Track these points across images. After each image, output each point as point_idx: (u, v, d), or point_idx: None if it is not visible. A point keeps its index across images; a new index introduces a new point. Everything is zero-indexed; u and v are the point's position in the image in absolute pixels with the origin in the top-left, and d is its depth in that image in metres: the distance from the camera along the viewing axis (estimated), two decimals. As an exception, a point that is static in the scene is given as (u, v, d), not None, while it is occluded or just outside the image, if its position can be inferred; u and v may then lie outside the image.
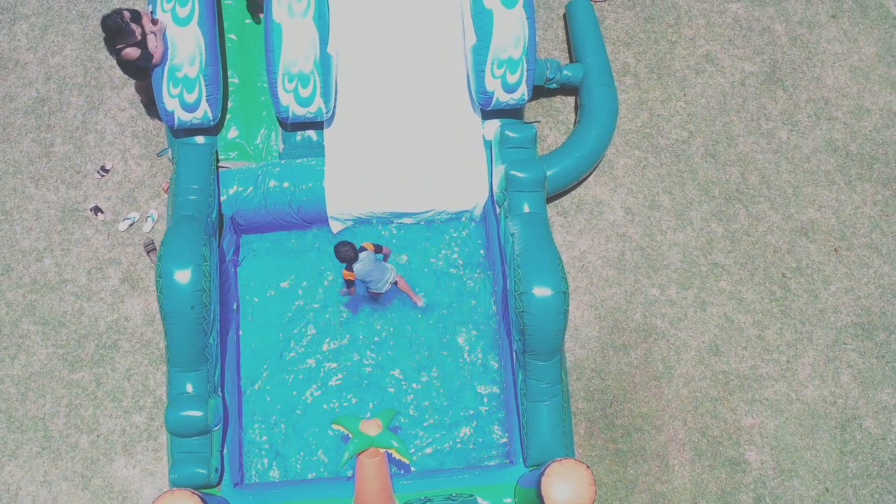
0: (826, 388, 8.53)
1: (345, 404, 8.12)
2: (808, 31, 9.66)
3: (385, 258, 8.32)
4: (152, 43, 7.62)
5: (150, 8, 7.83)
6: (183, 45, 7.76)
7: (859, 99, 9.45)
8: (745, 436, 8.35)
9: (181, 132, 8.29)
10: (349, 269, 7.89)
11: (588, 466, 6.76)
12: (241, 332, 8.32)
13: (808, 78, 9.50)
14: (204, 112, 7.92)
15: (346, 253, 7.79)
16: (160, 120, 8.71)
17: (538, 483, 6.65)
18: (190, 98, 7.80)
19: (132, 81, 9.00)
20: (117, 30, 7.42)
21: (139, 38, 7.54)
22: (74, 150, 8.96)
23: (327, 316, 8.39)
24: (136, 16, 7.57)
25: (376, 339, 8.34)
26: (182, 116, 7.91)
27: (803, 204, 9.07)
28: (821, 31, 9.67)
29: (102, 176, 8.88)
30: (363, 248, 7.96)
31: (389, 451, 6.68)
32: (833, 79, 9.51)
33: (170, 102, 7.82)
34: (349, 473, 7.58)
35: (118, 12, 7.45)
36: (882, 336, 8.69)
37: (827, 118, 9.37)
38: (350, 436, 6.72)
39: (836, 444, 8.38)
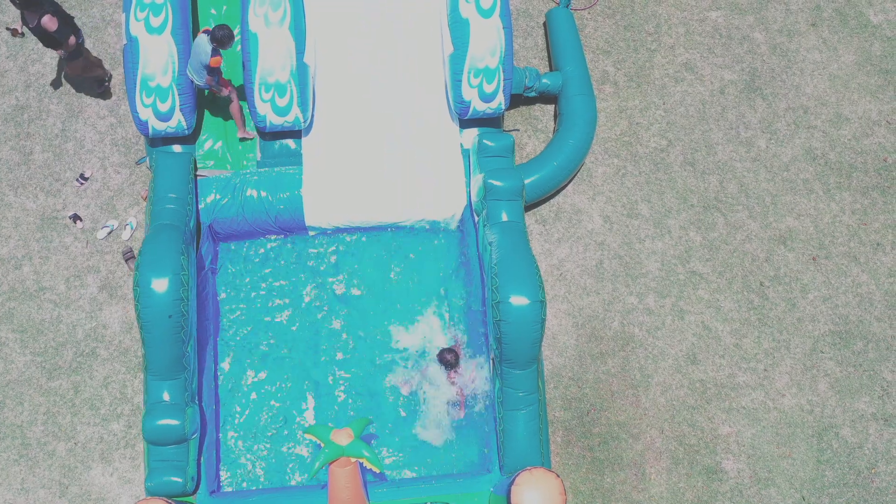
0: (803, 396, 8.54)
1: (319, 413, 8.13)
2: (787, 39, 9.69)
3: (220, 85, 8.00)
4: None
5: (125, 16, 7.85)
6: (155, 55, 7.78)
7: (838, 107, 9.47)
8: (721, 444, 8.37)
9: (158, 140, 8.31)
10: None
11: (558, 475, 6.78)
12: (218, 341, 8.33)
13: (788, 86, 9.52)
14: (178, 121, 7.94)
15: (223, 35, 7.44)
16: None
17: (508, 492, 6.68)
18: (163, 107, 7.82)
19: (111, 89, 9.06)
20: None
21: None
22: (54, 158, 8.98)
23: (305, 325, 8.40)
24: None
25: (353, 347, 8.35)
26: (156, 125, 7.93)
27: (782, 212, 9.09)
28: (800, 39, 9.70)
29: (81, 184, 8.89)
30: (205, 31, 7.60)
31: (361, 460, 6.70)
32: (812, 87, 9.53)
33: (143, 112, 7.84)
34: (320, 482, 7.59)
35: None
36: (859, 345, 8.71)
37: (806, 127, 9.40)
38: (322, 445, 6.74)
39: (812, 453, 8.39)
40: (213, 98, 8.53)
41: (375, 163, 8.49)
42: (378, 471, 6.65)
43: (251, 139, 8.51)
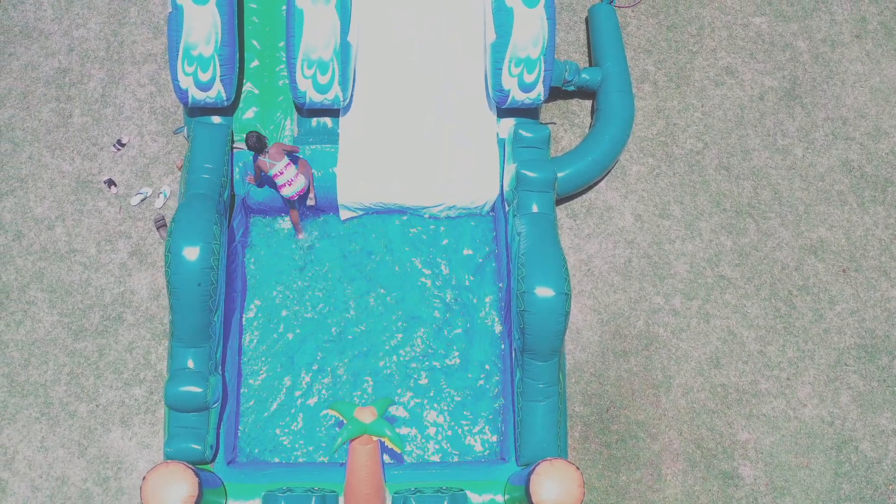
0: (825, 408, 8.49)
1: (342, 391, 8.15)
2: (830, 49, 9.62)
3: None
4: None
5: None
6: (199, 25, 7.81)
7: (878, 121, 9.40)
8: (739, 450, 8.33)
9: (196, 111, 8.36)
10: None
11: (578, 468, 6.77)
12: (244, 314, 8.37)
13: (828, 96, 9.45)
14: (218, 91, 7.98)
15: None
16: None
17: (527, 481, 6.67)
18: (204, 77, 7.87)
19: (153, 57, 9.11)
20: None
21: None
22: (92, 123, 9.05)
23: (330, 301, 8.43)
24: None
25: (378, 329, 8.37)
26: (196, 95, 7.98)
27: (814, 222, 9.03)
28: (843, 50, 9.62)
29: (118, 150, 8.96)
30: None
31: (382, 440, 6.72)
32: (853, 99, 9.46)
33: (184, 80, 7.89)
34: (341, 460, 7.62)
35: None
36: (885, 360, 8.65)
37: (844, 138, 9.33)
38: (344, 422, 6.76)
39: (830, 465, 8.34)
40: (256, 72, 8.57)
41: (411, 146, 8.50)
42: (399, 450, 6.68)
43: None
